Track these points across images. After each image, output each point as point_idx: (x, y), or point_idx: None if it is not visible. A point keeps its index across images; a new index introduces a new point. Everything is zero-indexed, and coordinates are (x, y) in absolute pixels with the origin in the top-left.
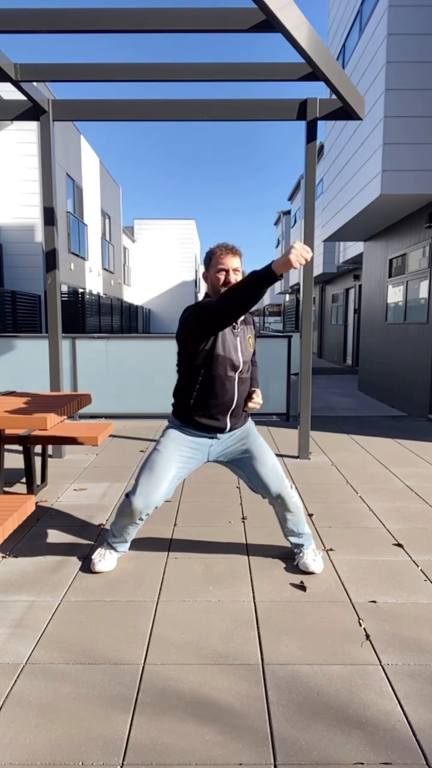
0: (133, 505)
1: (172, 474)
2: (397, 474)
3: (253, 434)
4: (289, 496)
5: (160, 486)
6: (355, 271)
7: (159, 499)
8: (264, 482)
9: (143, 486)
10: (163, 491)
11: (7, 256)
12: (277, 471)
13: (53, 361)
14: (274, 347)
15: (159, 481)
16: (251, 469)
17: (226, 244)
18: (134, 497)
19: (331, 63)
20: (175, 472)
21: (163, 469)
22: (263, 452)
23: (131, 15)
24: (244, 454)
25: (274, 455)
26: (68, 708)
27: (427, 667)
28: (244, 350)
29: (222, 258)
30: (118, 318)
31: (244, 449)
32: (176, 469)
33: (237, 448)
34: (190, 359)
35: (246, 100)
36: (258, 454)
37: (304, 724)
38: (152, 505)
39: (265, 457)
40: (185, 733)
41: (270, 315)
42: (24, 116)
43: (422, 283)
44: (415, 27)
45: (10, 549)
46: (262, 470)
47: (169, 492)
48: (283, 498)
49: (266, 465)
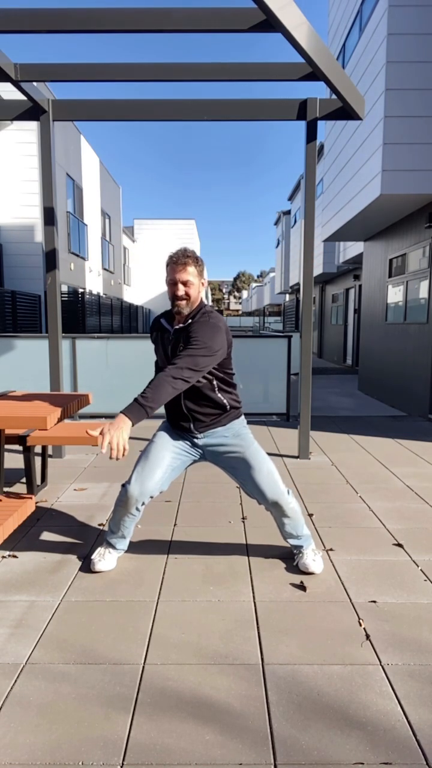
0: (129, 492)
1: (167, 463)
2: (397, 474)
3: (248, 439)
4: (286, 502)
5: (154, 474)
6: (355, 271)
7: (154, 488)
8: (260, 489)
9: (138, 473)
10: (157, 479)
11: (7, 256)
12: (273, 477)
13: (53, 361)
14: (274, 347)
15: (154, 469)
16: (247, 477)
17: (180, 254)
18: (129, 485)
19: (331, 63)
20: (169, 461)
21: (158, 457)
22: (258, 458)
23: (131, 15)
24: (239, 462)
25: (270, 461)
26: (68, 708)
27: (427, 667)
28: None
29: (171, 269)
30: (118, 318)
31: (238, 455)
32: (170, 458)
33: (230, 449)
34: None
35: (246, 100)
36: (253, 461)
37: (304, 724)
38: (147, 492)
39: (261, 464)
40: (185, 733)
41: (270, 315)
42: (24, 116)
43: (422, 283)
44: (415, 27)
45: (10, 549)
46: (257, 477)
47: (164, 481)
48: (280, 505)
49: (262, 472)
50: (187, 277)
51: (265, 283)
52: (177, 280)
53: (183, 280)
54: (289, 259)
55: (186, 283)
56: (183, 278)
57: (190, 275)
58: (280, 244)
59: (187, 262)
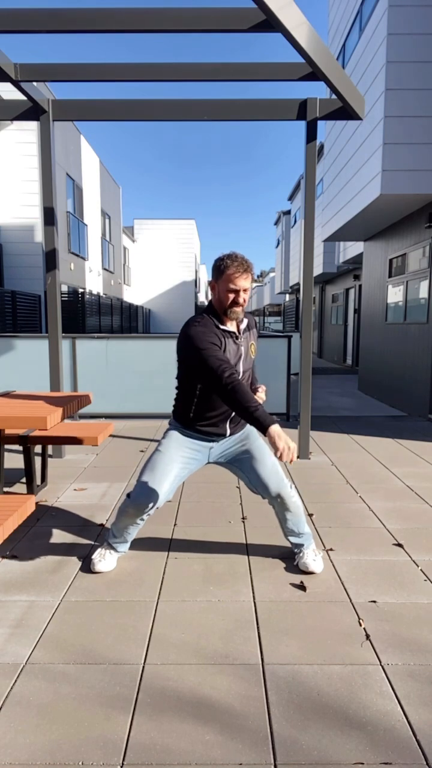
0: (134, 505)
1: (174, 474)
2: (397, 474)
3: (253, 435)
4: (289, 495)
5: (161, 486)
6: (355, 271)
7: (160, 500)
8: (263, 482)
9: (144, 486)
10: (164, 492)
11: (7, 256)
12: (277, 471)
13: (53, 361)
14: (274, 347)
15: (161, 482)
16: (251, 469)
17: (241, 261)
18: (135, 497)
19: (331, 63)
20: (176, 472)
21: (165, 470)
22: (263, 452)
23: (131, 15)
24: (243, 455)
25: (273, 456)
26: (68, 708)
27: (427, 667)
28: (246, 359)
29: (235, 277)
30: (118, 318)
31: (243, 450)
32: (178, 469)
33: (237, 449)
34: (187, 375)
35: (246, 100)
36: (257, 454)
37: (304, 725)
38: (153, 505)
39: (265, 458)
40: (185, 734)
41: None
42: (24, 116)
43: (422, 283)
44: (415, 27)
45: (10, 549)
46: (261, 470)
47: (170, 493)
48: (283, 497)
49: (266, 465)
50: (248, 285)
51: (265, 283)
52: (240, 288)
53: (245, 288)
54: (289, 259)
55: (246, 291)
56: (245, 286)
57: (249, 283)
58: (280, 244)
59: (248, 269)
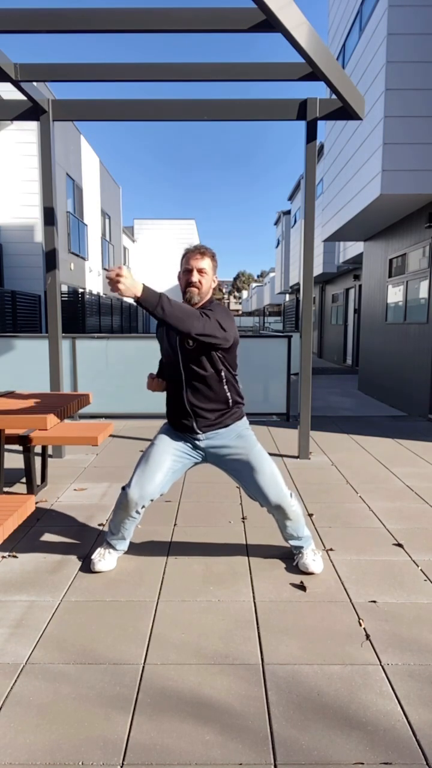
0: (129, 495)
1: (167, 466)
2: (397, 474)
3: (251, 441)
4: (289, 505)
5: (154, 477)
6: (355, 271)
7: (154, 491)
8: (263, 492)
9: (138, 477)
10: (158, 483)
11: (7, 256)
12: (276, 480)
13: (53, 361)
14: (274, 347)
15: (154, 473)
16: (249, 479)
17: (197, 246)
18: (129, 488)
19: (331, 63)
20: (169, 464)
21: (158, 461)
22: (261, 461)
23: (131, 15)
24: (241, 464)
25: (273, 463)
26: (68, 708)
27: (427, 667)
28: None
29: (188, 258)
30: (118, 318)
31: (240, 457)
32: (171, 461)
33: (233, 451)
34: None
35: (246, 100)
36: (256, 463)
37: (304, 725)
38: (147, 496)
39: (264, 466)
40: (185, 734)
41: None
42: (24, 116)
43: (422, 283)
44: (415, 27)
45: (10, 549)
46: (260, 480)
47: (164, 485)
48: (283, 508)
49: (265, 474)
50: (202, 265)
51: (265, 283)
52: (192, 267)
53: (198, 268)
54: (289, 259)
55: (200, 271)
56: (198, 266)
57: (206, 264)
58: (280, 244)
59: (204, 252)
